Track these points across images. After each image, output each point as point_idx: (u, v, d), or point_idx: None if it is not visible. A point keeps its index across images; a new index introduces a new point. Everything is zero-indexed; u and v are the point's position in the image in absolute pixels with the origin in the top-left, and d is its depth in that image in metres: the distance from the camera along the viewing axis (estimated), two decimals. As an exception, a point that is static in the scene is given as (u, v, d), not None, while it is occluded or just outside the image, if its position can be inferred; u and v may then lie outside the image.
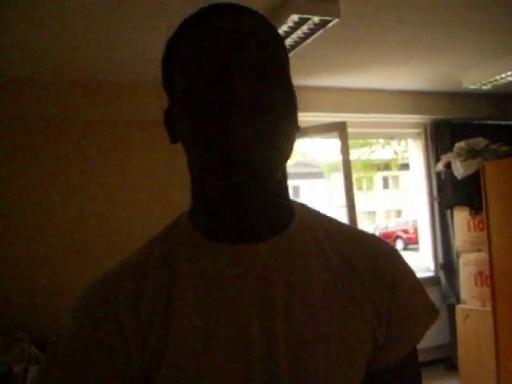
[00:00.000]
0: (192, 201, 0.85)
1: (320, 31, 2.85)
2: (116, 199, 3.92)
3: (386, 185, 25.64)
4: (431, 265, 5.09)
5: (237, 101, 0.68)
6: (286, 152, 0.75)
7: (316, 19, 2.69)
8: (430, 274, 5.04)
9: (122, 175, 3.95)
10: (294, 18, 2.66)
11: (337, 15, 2.68)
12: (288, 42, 3.00)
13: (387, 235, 18.22)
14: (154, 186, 4.02)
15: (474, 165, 4.07)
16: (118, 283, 0.76)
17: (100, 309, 0.73)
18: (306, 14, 2.65)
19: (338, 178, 4.54)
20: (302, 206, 0.88)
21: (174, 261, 0.78)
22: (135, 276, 0.77)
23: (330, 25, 2.76)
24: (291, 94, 0.76)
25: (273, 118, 0.71)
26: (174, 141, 0.84)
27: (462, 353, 4.23)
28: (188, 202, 0.85)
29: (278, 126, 0.72)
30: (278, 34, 0.80)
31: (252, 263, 0.76)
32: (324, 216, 0.89)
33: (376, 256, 0.84)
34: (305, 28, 2.80)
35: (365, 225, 22.63)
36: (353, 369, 0.77)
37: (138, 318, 0.72)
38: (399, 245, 17.86)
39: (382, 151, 17.55)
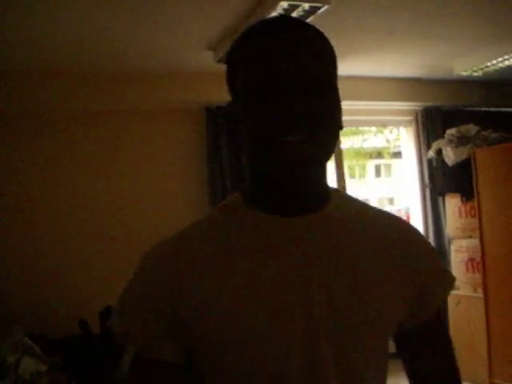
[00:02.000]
0: (247, 180, 0.98)
1: (310, 18, 2.83)
2: (118, 193, 3.93)
3: (378, 173, 25.62)
4: (423, 252, 5.10)
5: (288, 111, 0.82)
6: (329, 149, 0.90)
7: (306, 6, 2.68)
8: (422, 260, 5.05)
9: (124, 167, 3.95)
10: (284, 4, 2.64)
11: (327, 2, 2.67)
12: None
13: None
14: (157, 178, 4.02)
15: (464, 151, 4.08)
16: (180, 244, 0.92)
17: (164, 260, 0.90)
18: (296, 1, 2.64)
19: (331, 166, 4.54)
20: (337, 191, 1.02)
21: (230, 227, 0.92)
22: (195, 238, 0.92)
23: (320, 11, 2.75)
24: (335, 102, 0.90)
25: (317, 124, 0.84)
26: (236, 135, 0.95)
27: (454, 338, 4.21)
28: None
29: (322, 131, 0.86)
30: (330, 46, 0.93)
31: (295, 234, 0.90)
32: (355, 199, 1.04)
33: (404, 232, 1.01)
34: (294, 15, 2.78)
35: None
36: (383, 324, 0.92)
37: (194, 272, 0.87)
38: (392, 232, 17.87)
39: (374, 139, 17.54)
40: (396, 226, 1.01)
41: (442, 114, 4.88)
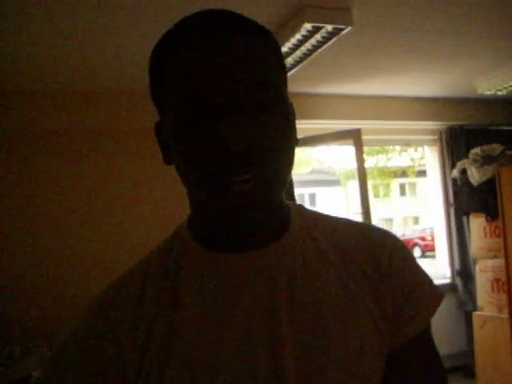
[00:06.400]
0: (191, 212, 0.83)
1: (333, 39, 2.87)
2: (119, 208, 3.94)
3: (403, 192, 25.42)
4: (448, 271, 5.06)
5: (231, 147, 0.64)
6: (285, 180, 0.74)
7: (329, 27, 2.72)
8: (447, 280, 5.01)
9: (122, 184, 3.96)
10: (308, 26, 2.69)
11: (349, 23, 2.71)
12: (302, 50, 3.03)
13: (405, 242, 18.01)
14: (155, 194, 4.01)
15: (489, 171, 4.06)
16: (118, 296, 0.77)
17: (99, 322, 0.74)
18: (319, 23, 2.68)
19: (355, 186, 4.54)
20: (296, 207, 0.88)
21: (177, 272, 0.78)
22: (136, 288, 0.77)
23: (343, 33, 2.79)
24: (287, 120, 0.73)
25: (270, 156, 0.68)
26: (168, 161, 0.79)
27: (479, 360, 4.20)
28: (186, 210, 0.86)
29: (276, 163, 0.70)
30: (276, 47, 0.76)
31: (254, 271, 0.77)
32: (318, 214, 0.90)
33: (371, 242, 0.85)
34: (318, 36, 2.83)
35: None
36: (363, 368, 0.77)
37: (138, 330, 0.73)
38: (417, 252, 17.69)
39: (398, 158, 17.46)
40: (366, 236, 0.86)
41: (466, 133, 4.86)
